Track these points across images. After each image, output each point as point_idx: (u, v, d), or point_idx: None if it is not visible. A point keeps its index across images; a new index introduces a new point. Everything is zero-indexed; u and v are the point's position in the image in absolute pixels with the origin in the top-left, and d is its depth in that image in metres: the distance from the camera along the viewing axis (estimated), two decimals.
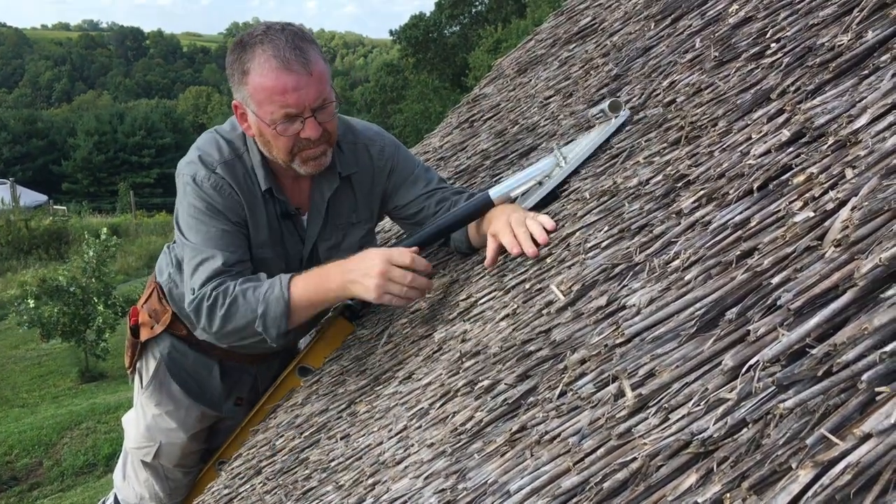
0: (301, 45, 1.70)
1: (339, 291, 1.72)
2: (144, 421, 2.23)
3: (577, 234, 1.50)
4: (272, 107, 1.70)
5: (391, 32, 34.95)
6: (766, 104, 1.34)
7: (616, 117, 1.81)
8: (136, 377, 2.22)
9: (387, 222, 2.67)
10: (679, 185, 1.34)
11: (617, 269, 1.26)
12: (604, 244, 1.36)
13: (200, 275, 1.77)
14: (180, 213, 1.86)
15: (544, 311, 1.31)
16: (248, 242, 1.88)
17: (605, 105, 1.85)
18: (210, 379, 2.20)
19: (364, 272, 1.66)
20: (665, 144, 1.53)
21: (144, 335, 2.15)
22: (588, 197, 1.60)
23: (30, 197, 29.25)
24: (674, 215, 1.26)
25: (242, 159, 1.86)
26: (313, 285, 1.74)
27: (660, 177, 1.41)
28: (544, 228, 1.59)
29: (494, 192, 1.81)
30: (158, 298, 2.13)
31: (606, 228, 1.41)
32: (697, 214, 1.20)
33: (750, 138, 1.28)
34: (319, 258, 2.00)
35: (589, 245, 1.39)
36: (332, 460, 1.51)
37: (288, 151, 1.77)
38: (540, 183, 1.84)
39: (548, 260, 1.50)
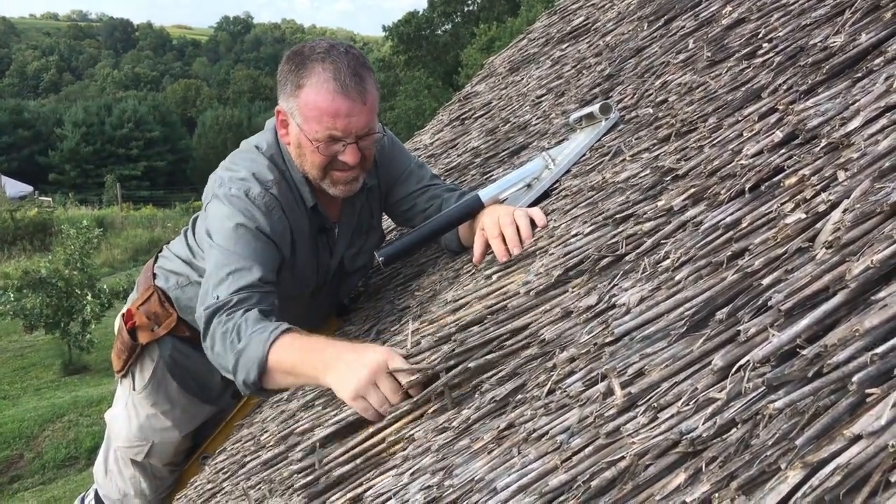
0: (361, 73, 1.69)
1: (321, 370, 1.46)
2: (137, 421, 2.19)
3: (562, 226, 1.49)
4: (319, 126, 1.69)
5: (383, 29, 34.80)
6: (756, 101, 1.35)
7: (606, 119, 1.81)
8: (128, 379, 2.17)
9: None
10: (667, 179, 1.34)
11: (606, 264, 1.25)
12: (588, 233, 1.35)
13: (232, 283, 1.65)
14: (218, 225, 1.75)
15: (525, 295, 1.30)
16: (286, 264, 1.82)
17: (592, 109, 1.85)
18: (211, 376, 2.15)
19: (353, 365, 1.39)
20: (655, 141, 1.53)
21: (144, 338, 2.10)
22: (576, 193, 1.59)
23: (15, 188, 28.99)
24: (664, 214, 1.26)
25: (286, 177, 1.84)
26: (300, 348, 1.51)
27: (647, 171, 1.41)
28: (533, 223, 1.61)
29: (484, 194, 1.80)
30: (160, 302, 2.08)
31: (594, 224, 1.40)
32: (688, 214, 1.20)
33: (741, 135, 1.28)
34: (346, 266, 2.03)
35: (571, 233, 1.39)
36: (319, 456, 1.49)
37: (321, 168, 1.77)
38: (529, 185, 1.83)
39: (535, 254, 1.50)
